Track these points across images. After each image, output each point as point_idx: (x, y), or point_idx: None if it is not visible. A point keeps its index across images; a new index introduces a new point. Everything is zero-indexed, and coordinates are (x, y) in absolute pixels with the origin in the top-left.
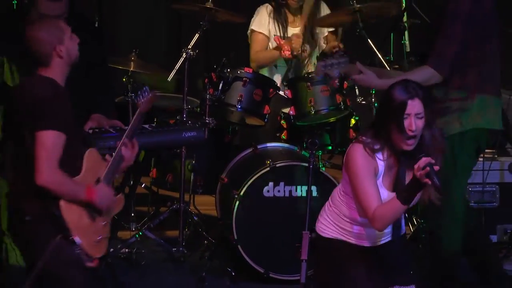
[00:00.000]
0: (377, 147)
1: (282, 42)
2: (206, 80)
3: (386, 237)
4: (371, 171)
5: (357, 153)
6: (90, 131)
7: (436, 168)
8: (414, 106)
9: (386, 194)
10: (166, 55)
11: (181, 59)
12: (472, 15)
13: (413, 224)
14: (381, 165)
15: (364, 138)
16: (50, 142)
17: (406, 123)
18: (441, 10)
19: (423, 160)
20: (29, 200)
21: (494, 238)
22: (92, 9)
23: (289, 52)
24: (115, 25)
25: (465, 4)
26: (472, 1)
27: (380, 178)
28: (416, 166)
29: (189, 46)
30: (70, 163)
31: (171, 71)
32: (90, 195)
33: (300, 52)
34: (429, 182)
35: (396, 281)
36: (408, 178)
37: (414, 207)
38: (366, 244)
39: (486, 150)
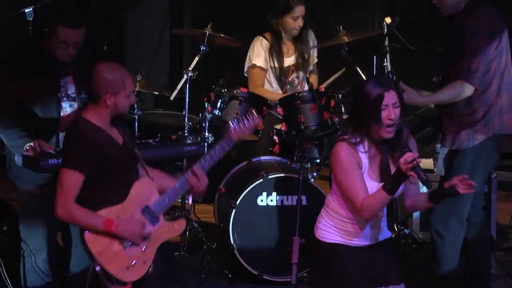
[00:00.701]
0: (357, 140)
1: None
2: (205, 99)
3: (384, 232)
4: (355, 165)
5: (341, 149)
6: None
7: (419, 161)
8: (391, 97)
9: (374, 185)
10: (169, 76)
11: (183, 80)
12: (491, 30)
13: (393, 230)
14: (363, 157)
15: (344, 136)
16: (66, 180)
17: (385, 113)
18: (458, 30)
19: (410, 155)
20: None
21: None
22: (102, 34)
23: None
24: (122, 48)
25: (484, 21)
26: (490, 18)
27: (366, 171)
28: (402, 160)
29: (190, 68)
30: (115, 191)
31: (173, 91)
32: (108, 228)
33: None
34: (415, 175)
35: (390, 281)
36: (392, 165)
37: (394, 215)
38: (367, 241)
39: None
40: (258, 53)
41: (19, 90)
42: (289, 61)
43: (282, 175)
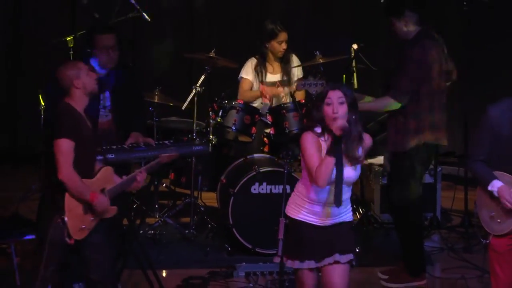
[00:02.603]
0: (319, 131)
1: (264, 92)
2: (209, 109)
3: (340, 217)
4: (316, 147)
5: (306, 136)
6: (130, 145)
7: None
8: (335, 94)
9: None
10: (181, 91)
11: (192, 94)
12: (422, 61)
13: (359, 212)
14: (323, 144)
15: (309, 126)
16: (63, 148)
17: (329, 108)
18: (399, 56)
19: (340, 121)
20: (53, 190)
21: None
22: (128, 56)
23: (267, 98)
24: (145, 69)
25: (418, 52)
26: (422, 50)
27: (324, 153)
28: (333, 128)
29: (198, 84)
30: (85, 168)
31: (184, 102)
32: (92, 199)
33: (278, 96)
34: (344, 133)
35: (337, 250)
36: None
37: (360, 199)
38: (320, 221)
39: None
40: (247, 70)
41: None
42: (275, 78)
43: (271, 169)
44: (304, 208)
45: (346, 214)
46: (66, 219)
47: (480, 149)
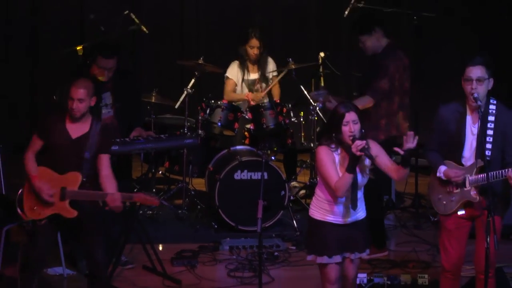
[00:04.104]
0: (333, 146)
1: (250, 98)
2: (199, 107)
3: (355, 215)
4: (331, 160)
5: (321, 150)
6: (132, 138)
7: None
8: (350, 116)
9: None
10: (174, 92)
11: (183, 95)
12: (393, 69)
13: None
14: (337, 158)
15: (325, 142)
16: (32, 140)
17: (346, 128)
18: (372, 65)
19: (358, 142)
20: None
21: None
22: (128, 63)
23: (253, 102)
24: (143, 73)
25: (392, 60)
26: (396, 58)
27: (338, 166)
28: (353, 146)
29: (188, 87)
30: (56, 164)
31: (177, 102)
32: (33, 179)
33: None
34: (363, 154)
35: (358, 248)
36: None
37: None
38: (341, 220)
39: None
40: (231, 70)
41: None
42: (255, 76)
43: (251, 158)
44: (326, 210)
45: (361, 211)
46: (20, 191)
47: (433, 141)
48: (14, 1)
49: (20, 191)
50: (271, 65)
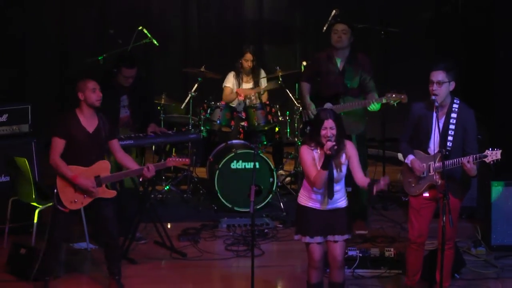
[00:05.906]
0: (313, 145)
1: (240, 92)
2: (201, 108)
3: (332, 204)
4: (311, 158)
5: (303, 149)
6: (146, 133)
7: (332, 144)
8: (328, 123)
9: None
10: (180, 95)
11: (188, 97)
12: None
13: None
14: (316, 155)
15: (307, 141)
16: (53, 143)
17: (323, 132)
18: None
19: (329, 143)
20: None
21: None
22: (142, 70)
23: (242, 97)
24: (154, 79)
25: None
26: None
27: (317, 162)
28: (325, 146)
29: (192, 90)
30: (79, 158)
31: (183, 103)
32: (73, 179)
33: (250, 97)
34: (332, 153)
35: (337, 232)
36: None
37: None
38: (320, 207)
39: None
40: (228, 80)
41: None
42: (249, 85)
43: (245, 151)
44: (309, 198)
45: (340, 201)
46: (55, 191)
47: (405, 134)
48: (47, 21)
49: (55, 190)
50: (262, 75)
